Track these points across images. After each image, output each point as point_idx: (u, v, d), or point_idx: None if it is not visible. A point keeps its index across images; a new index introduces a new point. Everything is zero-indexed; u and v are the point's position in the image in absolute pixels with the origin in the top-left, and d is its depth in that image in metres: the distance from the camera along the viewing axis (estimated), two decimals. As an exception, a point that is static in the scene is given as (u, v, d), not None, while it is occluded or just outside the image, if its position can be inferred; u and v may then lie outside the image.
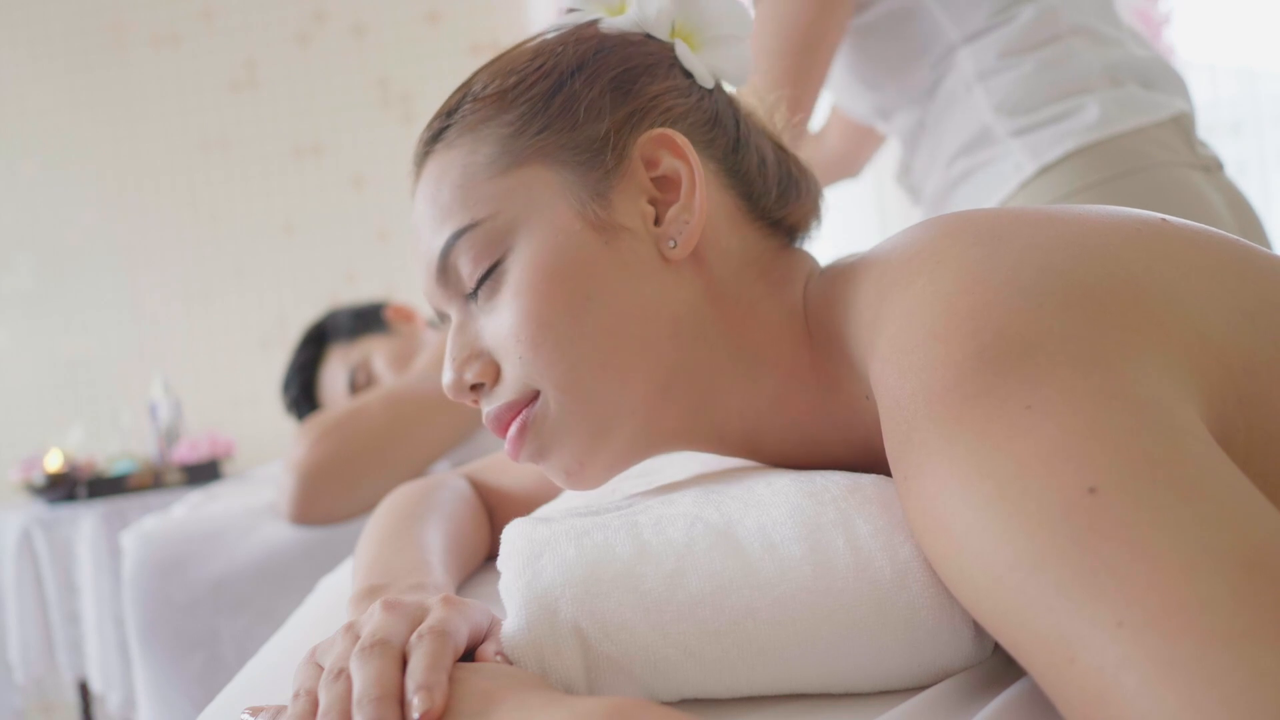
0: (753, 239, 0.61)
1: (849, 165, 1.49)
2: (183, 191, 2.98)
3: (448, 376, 0.59)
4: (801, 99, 1.04)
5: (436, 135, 0.60)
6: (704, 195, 0.58)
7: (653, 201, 0.58)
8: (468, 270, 0.57)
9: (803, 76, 1.04)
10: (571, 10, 0.63)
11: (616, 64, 0.59)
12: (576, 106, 0.57)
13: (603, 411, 0.57)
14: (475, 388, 0.59)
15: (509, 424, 0.58)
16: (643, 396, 0.57)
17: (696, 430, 0.60)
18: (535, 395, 0.57)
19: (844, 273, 0.58)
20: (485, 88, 0.59)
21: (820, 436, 0.60)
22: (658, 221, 0.58)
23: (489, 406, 0.59)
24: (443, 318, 0.63)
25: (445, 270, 0.58)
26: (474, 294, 0.58)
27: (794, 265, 0.62)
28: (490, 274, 0.57)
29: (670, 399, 0.58)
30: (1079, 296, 0.42)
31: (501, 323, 0.56)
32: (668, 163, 0.58)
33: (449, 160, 0.58)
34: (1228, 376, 0.42)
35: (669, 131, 0.58)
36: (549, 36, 0.61)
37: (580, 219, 0.56)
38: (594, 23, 0.62)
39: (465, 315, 0.59)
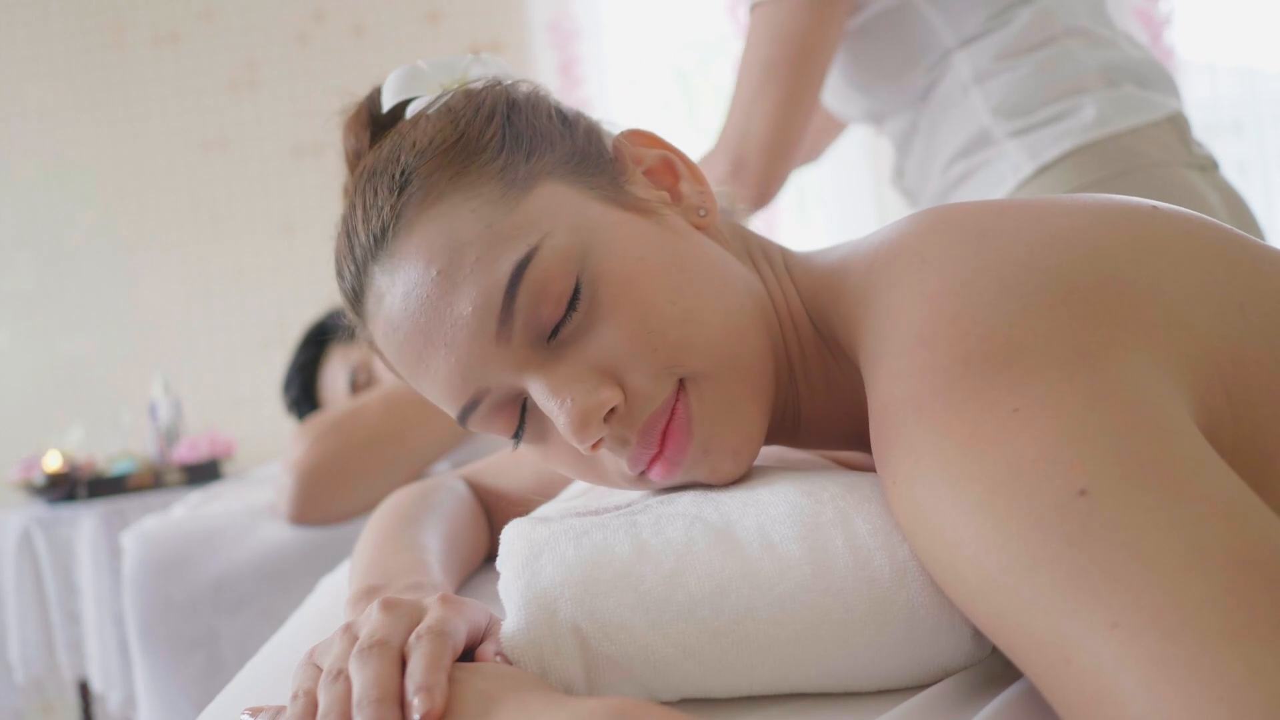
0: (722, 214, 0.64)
1: (809, 151, 1.48)
2: (183, 191, 2.98)
3: (572, 416, 0.50)
4: (792, 115, 1.03)
5: (399, 210, 0.53)
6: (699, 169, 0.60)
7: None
8: (551, 299, 0.51)
9: (794, 89, 1.03)
10: (414, 98, 0.60)
11: (539, 98, 0.60)
12: (542, 131, 0.56)
13: (749, 370, 0.54)
14: (607, 418, 0.52)
15: (664, 430, 0.53)
16: (760, 352, 0.55)
17: (773, 405, 0.58)
18: (679, 388, 0.53)
19: (831, 262, 0.58)
20: (432, 143, 0.54)
21: (830, 410, 0.59)
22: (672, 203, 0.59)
23: (630, 428, 0.52)
24: (471, 412, 0.54)
25: (510, 316, 0.51)
26: (561, 323, 0.51)
27: (766, 241, 0.63)
28: (578, 292, 0.51)
29: (772, 359, 0.57)
30: (1064, 295, 0.42)
31: (617, 329, 0.51)
32: (650, 154, 0.60)
33: (446, 216, 0.52)
34: (1215, 369, 0.42)
35: (639, 128, 0.60)
36: (433, 110, 0.58)
37: (623, 209, 0.56)
38: (472, 82, 0.60)
39: (543, 359, 0.52)
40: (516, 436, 0.56)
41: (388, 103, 0.61)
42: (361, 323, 0.58)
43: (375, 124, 0.62)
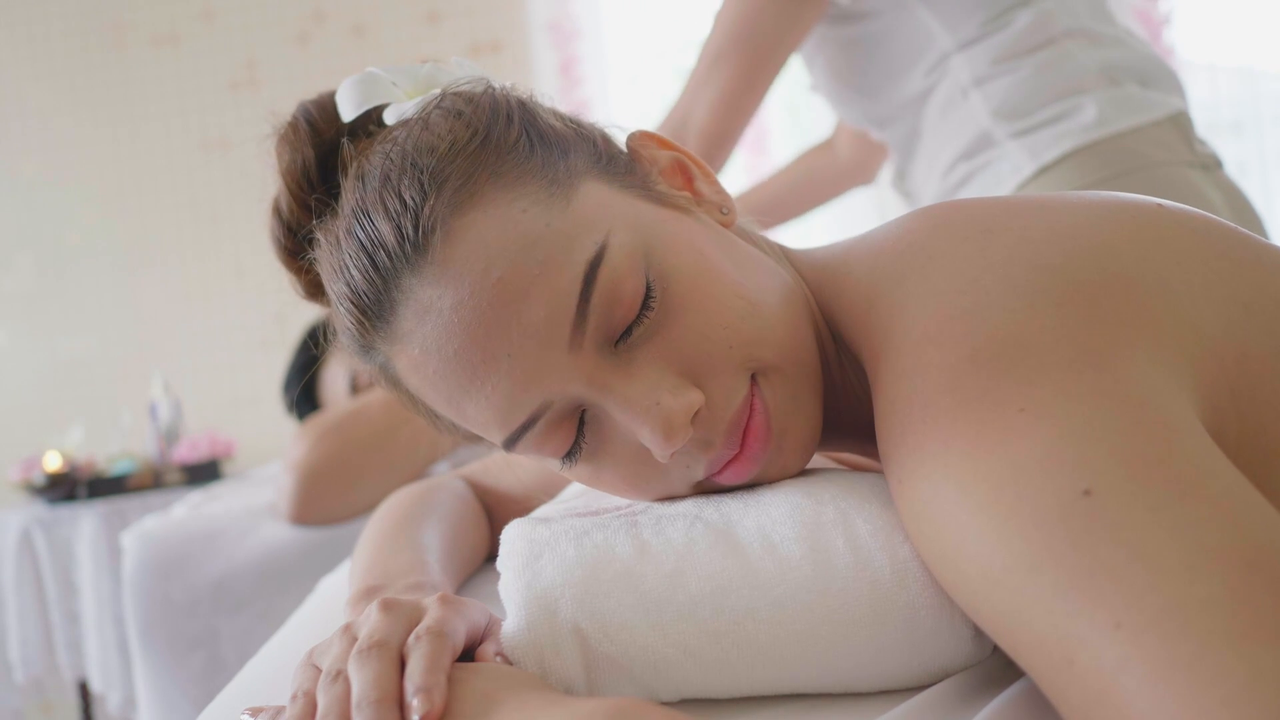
0: None
1: (863, 172, 1.48)
2: (183, 191, 2.98)
3: (660, 422, 0.48)
4: (735, 106, 1.03)
5: (437, 214, 0.48)
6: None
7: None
8: (625, 299, 0.48)
9: (742, 82, 1.03)
10: (380, 105, 0.57)
11: (538, 101, 0.58)
12: (561, 132, 0.54)
13: (808, 363, 0.53)
14: (692, 420, 0.49)
15: (746, 424, 0.51)
16: (812, 345, 0.54)
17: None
18: (753, 385, 0.51)
19: (832, 257, 0.58)
20: (454, 145, 0.51)
21: (839, 406, 0.59)
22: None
23: (715, 429, 0.50)
24: (526, 432, 0.50)
25: (584, 320, 0.48)
26: (632, 325, 0.49)
27: (768, 238, 0.62)
28: (651, 290, 0.49)
29: (818, 351, 0.56)
30: (1071, 294, 0.42)
31: (692, 328, 0.49)
32: (663, 156, 0.58)
33: (498, 218, 0.48)
34: (1220, 368, 0.42)
35: (646, 130, 0.59)
36: (433, 113, 0.53)
37: (665, 207, 0.54)
38: (459, 85, 0.56)
39: (613, 365, 0.49)
40: (570, 456, 0.52)
41: (351, 110, 0.57)
42: (378, 345, 0.53)
43: (319, 136, 0.58)
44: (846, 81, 1.15)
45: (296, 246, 0.60)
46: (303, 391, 1.81)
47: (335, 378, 1.76)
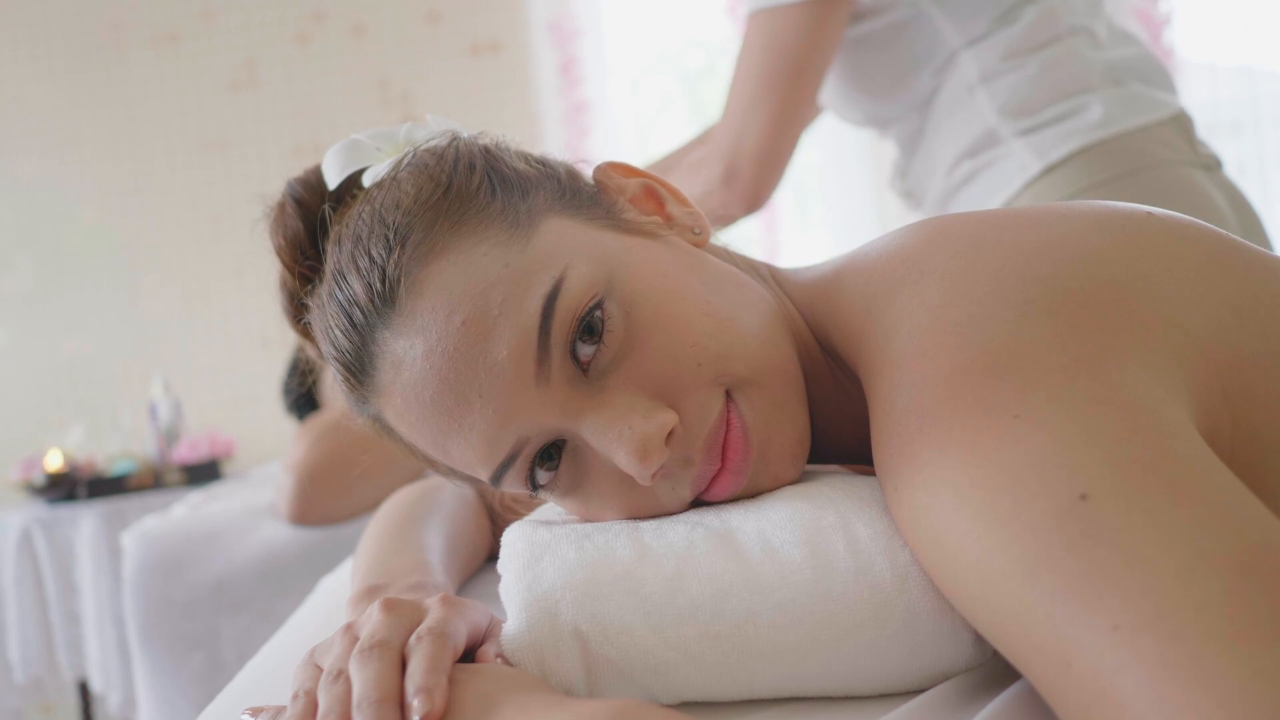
0: None
1: None
2: (183, 191, 2.98)
3: (634, 445, 0.48)
4: (786, 126, 1.03)
5: (403, 267, 0.50)
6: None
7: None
8: (580, 329, 0.49)
9: (790, 101, 1.03)
10: (362, 169, 0.58)
11: (504, 145, 0.58)
12: (524, 173, 0.55)
13: (787, 374, 0.53)
14: (667, 441, 0.50)
15: (724, 441, 0.51)
16: (791, 356, 0.55)
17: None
18: (728, 400, 0.51)
19: (825, 274, 0.58)
20: (418, 199, 0.52)
21: (836, 419, 0.59)
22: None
23: (692, 447, 0.50)
24: (508, 468, 0.51)
25: (548, 354, 0.49)
26: (601, 349, 0.49)
27: (751, 258, 0.63)
28: (607, 321, 0.50)
29: (799, 363, 0.56)
30: (1062, 302, 0.42)
31: (659, 349, 0.50)
32: (632, 184, 0.59)
33: (459, 264, 0.49)
34: (1213, 373, 0.43)
35: (613, 160, 0.59)
36: (402, 171, 0.55)
37: (629, 234, 0.55)
38: (428, 142, 0.58)
39: (585, 395, 0.50)
40: (555, 488, 0.53)
41: (335, 177, 0.59)
42: (368, 398, 0.55)
43: (306, 210, 0.60)
44: (853, 84, 1.14)
45: (301, 313, 0.61)
46: (302, 391, 1.81)
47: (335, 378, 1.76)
